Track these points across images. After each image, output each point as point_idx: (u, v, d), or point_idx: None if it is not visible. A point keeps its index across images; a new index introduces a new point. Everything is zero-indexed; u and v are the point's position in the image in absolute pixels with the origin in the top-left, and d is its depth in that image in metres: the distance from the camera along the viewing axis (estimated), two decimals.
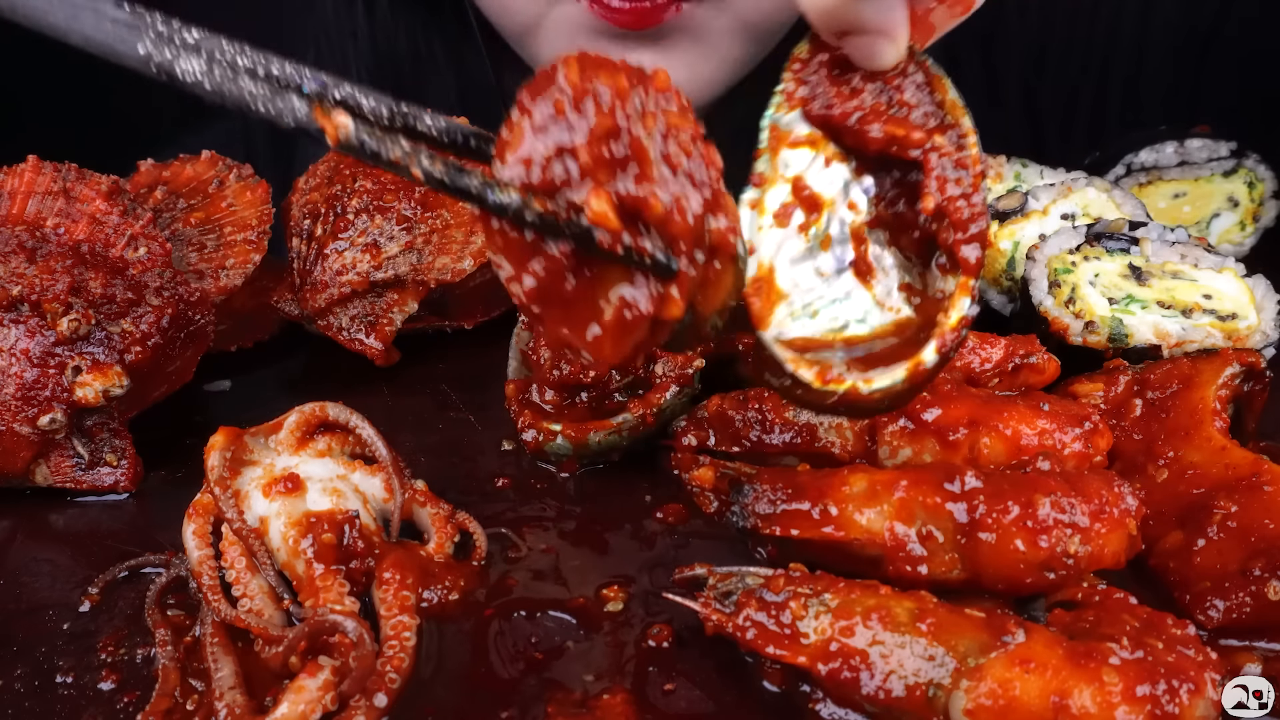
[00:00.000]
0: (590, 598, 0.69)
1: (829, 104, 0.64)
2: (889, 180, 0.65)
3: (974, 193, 0.61)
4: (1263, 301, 0.88)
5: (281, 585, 0.68)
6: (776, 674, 0.62)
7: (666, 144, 0.54)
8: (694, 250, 0.54)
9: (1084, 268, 0.91)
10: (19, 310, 0.79)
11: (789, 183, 0.65)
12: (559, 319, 0.55)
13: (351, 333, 0.97)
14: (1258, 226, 1.10)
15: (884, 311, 0.64)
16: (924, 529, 0.64)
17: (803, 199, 0.65)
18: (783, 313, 0.63)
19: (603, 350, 0.54)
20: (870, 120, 0.63)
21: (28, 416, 0.78)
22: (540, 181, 0.52)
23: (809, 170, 0.65)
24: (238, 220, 0.96)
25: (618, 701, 0.61)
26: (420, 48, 1.34)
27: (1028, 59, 1.37)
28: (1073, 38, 1.35)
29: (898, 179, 0.64)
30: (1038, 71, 1.37)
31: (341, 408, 0.76)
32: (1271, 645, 0.65)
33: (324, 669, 0.61)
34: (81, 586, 0.72)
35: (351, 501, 0.72)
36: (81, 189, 0.86)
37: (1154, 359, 0.85)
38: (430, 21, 1.33)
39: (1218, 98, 1.27)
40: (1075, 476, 0.65)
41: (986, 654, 0.57)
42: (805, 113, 0.65)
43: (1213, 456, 0.72)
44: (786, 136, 0.65)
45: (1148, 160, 1.11)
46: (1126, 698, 0.54)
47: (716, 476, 0.72)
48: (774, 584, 0.62)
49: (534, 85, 0.54)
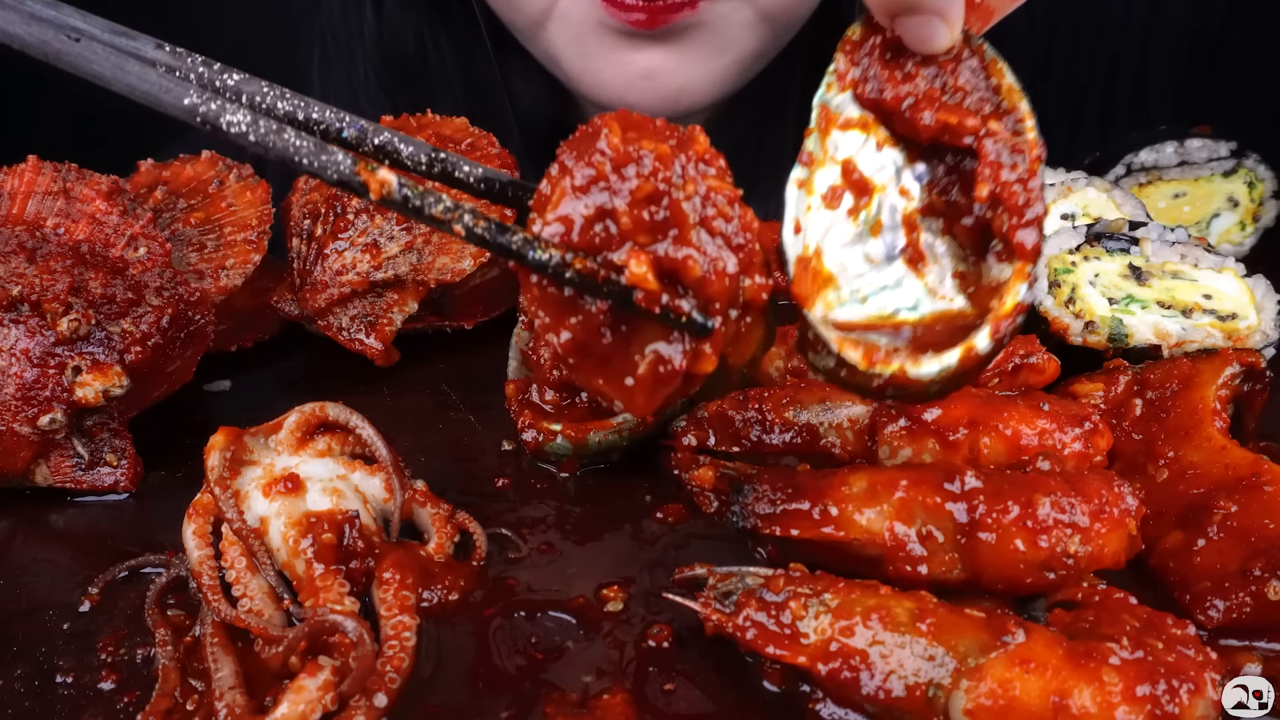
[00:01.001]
0: (590, 598, 0.69)
1: (880, 88, 0.63)
2: (943, 166, 0.63)
3: (1030, 178, 0.59)
4: (1263, 301, 0.88)
5: (281, 585, 0.68)
6: (776, 674, 0.62)
7: (705, 207, 0.55)
8: (728, 309, 0.56)
9: (1084, 268, 0.91)
10: (19, 310, 0.79)
11: (839, 165, 0.64)
12: (594, 371, 0.56)
13: (351, 333, 0.97)
14: (1258, 226, 1.10)
15: (936, 300, 0.62)
16: (924, 529, 0.64)
17: (852, 182, 0.64)
18: (830, 296, 0.62)
19: (636, 402, 0.56)
20: (923, 107, 0.61)
21: (28, 416, 0.78)
22: (580, 241, 0.53)
23: (859, 153, 0.64)
24: (238, 220, 0.96)
25: (618, 701, 0.61)
26: (428, 46, 1.34)
27: (1035, 63, 1.37)
28: (1079, 40, 1.35)
29: (952, 165, 0.63)
30: (1044, 75, 1.37)
31: (341, 408, 0.76)
32: (1271, 645, 0.65)
33: (324, 669, 0.61)
34: (81, 586, 0.72)
35: (351, 501, 0.72)
36: (81, 189, 0.86)
37: (1154, 359, 0.85)
38: (437, 20, 1.33)
39: (1225, 99, 1.27)
40: (1075, 476, 0.65)
41: (986, 654, 0.57)
42: (856, 95, 0.64)
43: (1213, 456, 0.72)
44: (837, 118, 0.64)
45: (1148, 160, 1.11)
46: (1126, 698, 0.54)
47: (716, 476, 0.72)
48: (774, 584, 0.62)
49: (575, 144, 0.55)
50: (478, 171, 0.58)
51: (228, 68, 0.55)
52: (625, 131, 0.55)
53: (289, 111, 0.55)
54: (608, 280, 0.53)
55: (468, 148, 1.02)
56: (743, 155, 1.35)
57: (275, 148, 0.53)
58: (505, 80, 1.32)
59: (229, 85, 0.55)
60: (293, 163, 0.52)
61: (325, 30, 1.35)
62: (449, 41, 1.33)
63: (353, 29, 1.33)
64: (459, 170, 0.57)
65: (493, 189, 0.58)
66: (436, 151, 0.57)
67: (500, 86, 1.32)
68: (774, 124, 1.36)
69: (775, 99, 1.34)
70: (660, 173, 0.54)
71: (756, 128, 1.35)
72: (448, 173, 0.57)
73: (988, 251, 0.61)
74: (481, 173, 0.58)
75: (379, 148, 0.56)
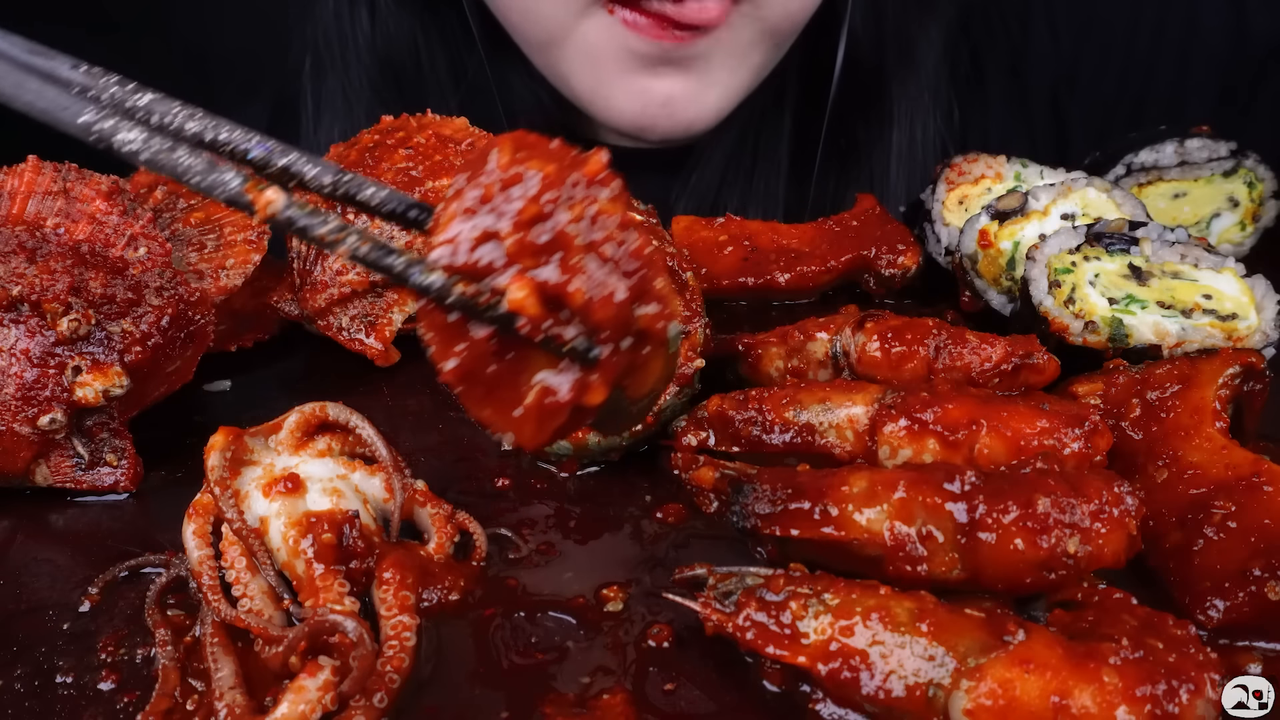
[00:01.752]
0: (590, 598, 0.69)
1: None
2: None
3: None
4: (1263, 301, 0.88)
5: (281, 585, 0.68)
6: (776, 674, 0.62)
7: (594, 231, 0.53)
8: (619, 337, 0.54)
9: (1084, 268, 0.91)
10: (19, 310, 0.79)
11: None
12: (481, 400, 0.55)
13: (351, 333, 0.97)
14: (1258, 226, 1.10)
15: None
16: (924, 529, 0.64)
17: None
18: None
19: (524, 433, 0.55)
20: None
21: (28, 416, 0.78)
22: (465, 264, 0.52)
23: None
24: (238, 220, 0.96)
25: (618, 701, 0.61)
26: (420, 50, 1.33)
27: (1060, 78, 1.37)
28: (1108, 53, 1.35)
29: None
30: (1070, 87, 1.37)
31: (341, 408, 0.76)
32: (1271, 645, 0.65)
33: (324, 669, 0.61)
34: (81, 586, 0.72)
35: (351, 501, 0.72)
36: (81, 189, 0.86)
37: (1154, 359, 0.85)
38: (431, 24, 1.32)
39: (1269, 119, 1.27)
40: (1075, 476, 0.65)
41: (986, 654, 0.57)
42: None
43: (1213, 456, 0.72)
44: None
45: (1148, 160, 1.11)
46: (1126, 698, 0.54)
47: (716, 476, 0.72)
48: (774, 584, 0.62)
49: (468, 165, 0.54)
50: (382, 194, 0.57)
51: (142, 88, 0.55)
52: (516, 151, 0.53)
53: (197, 132, 0.55)
54: (489, 306, 0.52)
55: (468, 148, 1.02)
56: (741, 154, 1.35)
57: (165, 166, 0.52)
58: (500, 85, 1.31)
59: (139, 105, 0.55)
60: (184, 181, 0.52)
61: (318, 34, 1.35)
62: (442, 45, 1.33)
63: (346, 32, 1.33)
64: (362, 192, 0.57)
65: (395, 210, 0.57)
66: (342, 173, 0.56)
67: (493, 92, 1.31)
68: (771, 123, 1.36)
69: (773, 99, 1.34)
70: (546, 194, 0.52)
71: (754, 127, 1.35)
72: (351, 195, 0.56)
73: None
74: (385, 195, 0.57)
75: (284, 169, 0.55)
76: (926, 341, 0.84)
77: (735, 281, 1.07)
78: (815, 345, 0.88)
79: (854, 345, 0.86)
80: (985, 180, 1.11)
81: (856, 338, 0.86)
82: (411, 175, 0.99)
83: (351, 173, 0.57)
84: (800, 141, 1.37)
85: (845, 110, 1.33)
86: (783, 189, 1.38)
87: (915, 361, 0.84)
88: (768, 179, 1.37)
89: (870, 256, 1.08)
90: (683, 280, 0.91)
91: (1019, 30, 1.38)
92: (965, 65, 1.39)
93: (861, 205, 1.15)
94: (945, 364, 0.83)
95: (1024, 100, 1.40)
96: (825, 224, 1.13)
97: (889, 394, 0.76)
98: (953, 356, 0.83)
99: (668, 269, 0.90)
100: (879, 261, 1.08)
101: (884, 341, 0.85)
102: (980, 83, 1.40)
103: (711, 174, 1.35)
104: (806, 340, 0.88)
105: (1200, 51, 1.30)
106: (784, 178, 1.38)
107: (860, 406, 0.76)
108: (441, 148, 1.02)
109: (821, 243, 1.10)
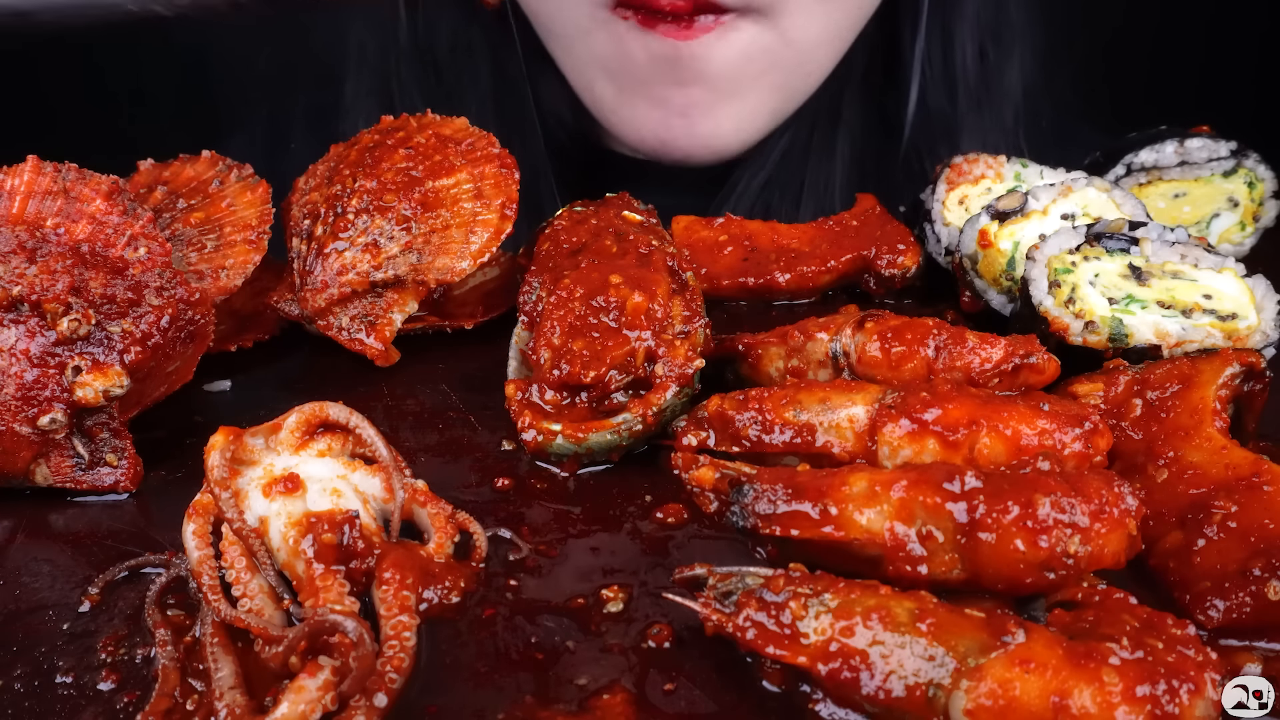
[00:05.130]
0: (590, 598, 0.69)
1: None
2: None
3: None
4: (1263, 301, 0.88)
5: (281, 585, 0.68)
6: (776, 674, 0.62)
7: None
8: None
9: (1084, 268, 0.91)
10: (19, 310, 0.79)
11: None
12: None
13: (351, 333, 0.97)
14: (1258, 226, 1.10)
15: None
16: (924, 529, 0.64)
17: None
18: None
19: None
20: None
21: (28, 416, 0.78)
22: None
23: None
24: (238, 220, 0.96)
25: (618, 701, 0.61)
26: (459, 40, 1.35)
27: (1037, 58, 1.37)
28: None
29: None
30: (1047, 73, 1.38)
31: (341, 408, 0.76)
32: (1271, 645, 0.65)
33: (324, 669, 0.61)
34: (81, 586, 0.72)
35: (351, 501, 0.72)
36: (81, 189, 0.86)
37: (1154, 359, 0.85)
38: (469, 14, 1.33)
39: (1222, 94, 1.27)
40: (1075, 476, 0.65)
41: (986, 654, 0.57)
42: None
43: (1213, 456, 0.72)
44: None
45: (1148, 160, 1.11)
46: (1126, 698, 0.54)
47: (716, 476, 0.72)
48: (774, 584, 0.62)
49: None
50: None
51: None
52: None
53: None
54: None
55: (468, 148, 1.02)
56: (791, 160, 1.36)
57: None
58: (533, 82, 1.32)
59: None
60: None
61: (356, 20, 1.36)
62: (480, 35, 1.34)
63: (385, 20, 1.34)
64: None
65: None
66: None
67: (525, 81, 1.32)
68: (824, 139, 1.37)
69: (829, 118, 1.35)
70: None
71: (806, 142, 1.36)
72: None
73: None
74: None
75: None
76: (927, 341, 0.84)
77: (735, 281, 1.07)
78: (815, 345, 0.88)
79: (854, 345, 0.86)
80: (985, 180, 1.11)
81: (856, 338, 0.86)
82: (411, 175, 0.99)
83: None
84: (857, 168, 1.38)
85: (918, 143, 1.34)
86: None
87: (915, 361, 0.84)
88: (822, 196, 1.39)
89: (870, 256, 1.08)
90: (683, 280, 0.91)
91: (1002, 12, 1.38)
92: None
93: (861, 205, 1.15)
94: (945, 364, 0.83)
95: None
96: (825, 224, 1.13)
97: (889, 394, 0.76)
98: (953, 356, 0.83)
99: (667, 269, 0.90)
100: (879, 261, 1.08)
101: (884, 341, 0.85)
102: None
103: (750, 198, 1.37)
104: (806, 340, 0.88)
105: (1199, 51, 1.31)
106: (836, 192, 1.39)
107: (860, 406, 0.76)
108: (441, 148, 1.02)
109: (821, 243, 1.10)
